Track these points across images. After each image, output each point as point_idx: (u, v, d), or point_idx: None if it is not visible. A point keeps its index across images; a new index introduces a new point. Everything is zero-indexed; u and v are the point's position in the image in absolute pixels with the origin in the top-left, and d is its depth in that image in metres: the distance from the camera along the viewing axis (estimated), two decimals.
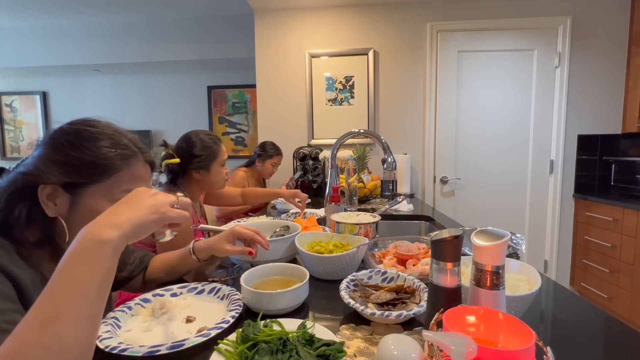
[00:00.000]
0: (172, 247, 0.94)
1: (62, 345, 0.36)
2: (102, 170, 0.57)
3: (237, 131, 3.74)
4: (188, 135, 1.27)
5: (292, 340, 0.50)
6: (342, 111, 2.65)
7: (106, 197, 0.57)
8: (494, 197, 2.59)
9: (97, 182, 0.56)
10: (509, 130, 2.54)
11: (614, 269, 2.15)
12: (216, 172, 1.28)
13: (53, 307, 0.37)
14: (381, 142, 1.18)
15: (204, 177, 1.26)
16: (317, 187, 2.41)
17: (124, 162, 0.59)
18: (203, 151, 1.24)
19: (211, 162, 1.26)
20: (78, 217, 0.56)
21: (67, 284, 0.39)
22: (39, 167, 0.54)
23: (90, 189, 0.56)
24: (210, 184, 1.29)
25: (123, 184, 0.58)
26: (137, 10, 3.05)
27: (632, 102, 2.37)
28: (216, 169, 1.27)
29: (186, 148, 1.24)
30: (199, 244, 0.82)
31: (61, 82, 3.81)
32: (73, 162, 0.55)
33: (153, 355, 0.51)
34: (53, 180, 0.54)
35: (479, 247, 0.48)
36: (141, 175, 0.62)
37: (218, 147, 1.28)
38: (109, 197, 0.57)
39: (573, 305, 0.69)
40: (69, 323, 0.37)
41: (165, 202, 0.49)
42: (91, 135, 0.58)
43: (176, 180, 1.27)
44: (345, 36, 2.60)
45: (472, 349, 0.34)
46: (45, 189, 0.54)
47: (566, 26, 2.40)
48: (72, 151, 0.56)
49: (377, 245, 0.98)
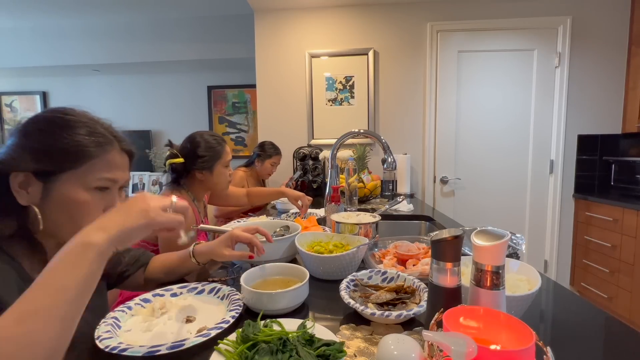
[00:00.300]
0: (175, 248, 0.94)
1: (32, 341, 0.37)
2: (75, 157, 0.55)
3: (237, 131, 3.74)
4: (193, 135, 1.28)
5: (292, 340, 0.50)
6: (342, 111, 2.65)
7: (80, 185, 0.56)
8: (494, 197, 2.59)
9: (70, 170, 0.55)
10: (509, 130, 2.54)
11: (614, 269, 2.15)
12: (219, 173, 1.28)
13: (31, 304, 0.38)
14: (381, 142, 1.18)
15: (207, 177, 1.27)
16: (317, 187, 2.41)
17: (98, 149, 0.57)
18: (207, 152, 1.24)
19: (214, 163, 1.26)
20: (52, 205, 0.55)
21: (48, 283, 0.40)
22: (11, 155, 0.53)
23: (64, 177, 0.55)
24: (213, 185, 1.29)
25: (98, 171, 0.57)
26: (137, 10, 3.05)
27: (632, 102, 2.37)
28: (219, 170, 1.28)
29: (190, 148, 1.24)
30: (199, 248, 0.81)
31: (61, 82, 3.81)
32: (45, 149, 0.54)
33: (153, 355, 0.51)
34: (25, 168, 0.53)
35: (479, 247, 0.48)
36: (117, 164, 0.60)
37: (222, 148, 1.28)
38: (83, 185, 0.56)
39: (573, 305, 0.69)
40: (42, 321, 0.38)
41: (157, 207, 0.49)
42: (64, 122, 0.57)
43: (180, 180, 1.27)
44: (345, 36, 2.60)
45: (472, 349, 0.34)
46: (17, 176, 0.53)
47: (566, 26, 2.40)
48: (44, 138, 0.55)
49: (377, 245, 0.98)
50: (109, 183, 0.58)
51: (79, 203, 0.55)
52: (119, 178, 0.60)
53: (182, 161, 1.23)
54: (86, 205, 0.56)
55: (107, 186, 0.59)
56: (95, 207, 0.57)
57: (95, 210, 0.57)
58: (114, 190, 0.60)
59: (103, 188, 0.58)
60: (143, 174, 3.60)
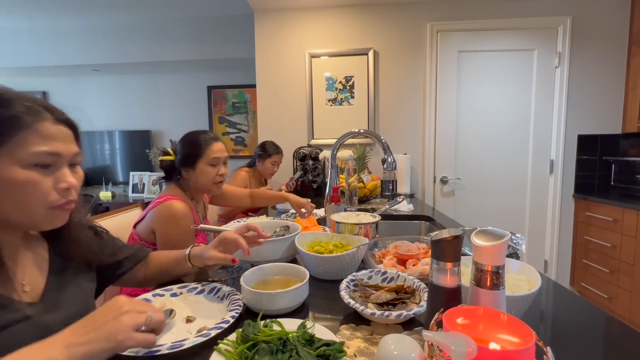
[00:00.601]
0: (173, 247, 0.94)
1: None
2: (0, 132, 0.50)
3: (237, 131, 3.74)
4: (186, 133, 1.26)
5: (292, 340, 0.50)
6: (342, 111, 2.65)
7: (16, 162, 0.50)
8: (494, 197, 2.59)
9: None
10: (509, 130, 2.54)
11: (614, 269, 2.15)
12: (201, 171, 1.21)
13: None
14: (381, 142, 1.18)
15: (191, 175, 1.22)
16: (317, 187, 2.41)
17: (26, 120, 0.51)
18: (188, 148, 1.21)
19: (196, 160, 1.20)
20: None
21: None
22: None
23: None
24: (196, 183, 1.23)
25: (31, 145, 0.51)
26: (137, 10, 3.06)
27: (632, 102, 2.37)
28: (202, 168, 1.21)
29: (179, 145, 1.24)
30: (194, 251, 0.79)
31: (61, 82, 3.81)
32: None
33: (153, 355, 0.51)
34: None
35: (479, 247, 0.48)
36: (53, 135, 0.53)
37: (207, 145, 1.21)
38: (19, 163, 0.50)
39: (573, 305, 0.69)
40: None
41: (128, 328, 0.47)
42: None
43: (170, 177, 1.26)
44: (345, 36, 2.60)
45: (472, 349, 0.34)
46: None
47: (566, 26, 2.40)
48: None
49: (377, 245, 0.98)
50: (50, 158, 0.52)
51: (18, 183, 0.50)
52: (60, 151, 0.53)
53: (171, 158, 1.23)
54: (28, 185, 0.51)
55: (49, 162, 0.52)
56: (40, 186, 0.51)
57: (40, 190, 0.52)
58: (61, 165, 0.54)
59: (45, 165, 0.52)
60: (143, 174, 3.60)
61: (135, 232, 1.17)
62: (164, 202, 1.12)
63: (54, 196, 0.53)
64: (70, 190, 0.55)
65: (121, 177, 3.77)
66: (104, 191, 3.51)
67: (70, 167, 0.57)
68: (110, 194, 3.51)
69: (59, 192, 0.54)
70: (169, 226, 1.11)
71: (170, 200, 1.13)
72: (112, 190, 3.59)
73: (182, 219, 1.12)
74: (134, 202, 2.97)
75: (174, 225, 1.11)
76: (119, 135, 3.73)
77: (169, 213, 1.10)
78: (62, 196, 0.54)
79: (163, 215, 1.11)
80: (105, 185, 3.63)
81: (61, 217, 0.57)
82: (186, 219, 1.13)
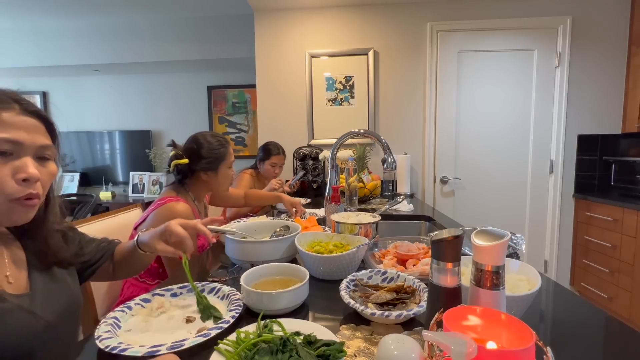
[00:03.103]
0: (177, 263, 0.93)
1: None
2: None
3: (237, 131, 3.74)
4: (197, 136, 1.28)
5: (292, 340, 0.50)
6: (342, 111, 2.65)
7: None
8: (494, 197, 2.59)
9: None
10: (509, 130, 2.54)
11: (614, 269, 2.15)
12: (224, 174, 1.29)
13: None
14: (381, 142, 1.18)
15: (212, 178, 1.28)
16: (317, 187, 2.41)
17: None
18: (211, 153, 1.25)
19: (219, 164, 1.27)
20: None
21: None
22: None
23: None
24: (217, 186, 1.31)
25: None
26: (138, 10, 3.05)
27: (632, 102, 2.37)
28: (224, 171, 1.29)
29: (196, 149, 1.25)
30: (142, 237, 0.76)
31: (61, 82, 3.81)
32: None
33: (153, 355, 0.51)
34: None
35: (479, 247, 0.48)
36: (16, 124, 0.52)
37: (226, 150, 1.29)
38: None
39: (573, 305, 0.69)
40: None
41: None
42: None
43: (184, 180, 1.27)
44: (345, 36, 2.60)
45: (472, 349, 0.34)
46: None
47: (566, 26, 2.40)
48: None
49: (377, 245, 0.98)
50: (8, 145, 0.51)
51: None
52: (21, 139, 0.52)
53: (187, 162, 1.24)
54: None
55: (7, 149, 0.51)
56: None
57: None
58: (22, 155, 0.52)
59: (3, 152, 0.50)
60: (143, 174, 3.59)
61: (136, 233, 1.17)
62: (165, 204, 1.13)
63: (12, 188, 0.51)
64: (31, 183, 0.52)
65: (121, 177, 3.77)
66: (104, 191, 3.51)
67: (38, 160, 0.55)
68: (110, 194, 3.51)
69: (17, 183, 0.51)
70: None
71: (172, 201, 1.14)
72: (112, 190, 3.58)
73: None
74: (134, 202, 2.97)
75: None
76: (119, 135, 3.73)
77: (171, 214, 1.11)
78: (22, 187, 0.52)
79: (165, 216, 1.11)
80: (105, 185, 3.63)
81: (21, 213, 0.53)
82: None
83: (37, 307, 0.56)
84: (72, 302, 0.63)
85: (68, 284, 0.65)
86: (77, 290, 0.67)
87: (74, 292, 0.66)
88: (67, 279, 0.65)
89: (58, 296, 0.61)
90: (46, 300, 0.58)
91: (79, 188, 3.66)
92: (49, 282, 0.61)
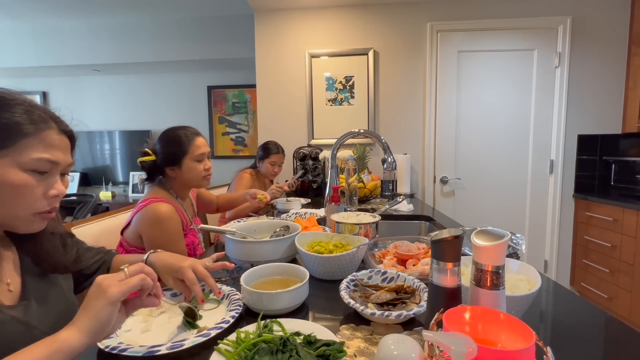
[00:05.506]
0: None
1: None
2: (7, 135, 0.51)
3: (237, 131, 3.74)
4: (164, 132, 1.23)
5: (292, 340, 0.50)
6: (342, 111, 2.65)
7: (15, 165, 0.52)
8: (494, 197, 2.59)
9: (3, 149, 0.51)
10: (509, 130, 2.54)
11: (614, 269, 2.15)
12: (189, 168, 1.20)
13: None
14: (381, 142, 1.18)
15: (177, 173, 1.21)
16: (317, 187, 2.41)
17: (33, 127, 0.53)
18: (172, 146, 1.19)
19: (182, 158, 1.20)
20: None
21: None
22: None
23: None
24: (186, 181, 1.24)
25: (33, 151, 0.52)
26: (137, 10, 3.05)
27: (632, 102, 2.37)
28: (188, 165, 1.20)
29: (159, 144, 1.21)
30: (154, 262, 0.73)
31: (61, 82, 3.81)
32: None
33: (153, 355, 0.51)
34: None
35: (479, 247, 0.48)
36: (55, 144, 0.55)
37: (190, 142, 1.20)
38: (19, 166, 0.52)
39: (573, 305, 0.69)
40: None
41: (111, 283, 0.49)
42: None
43: (153, 178, 1.24)
44: (345, 36, 2.60)
45: (472, 349, 0.34)
46: None
47: (566, 26, 2.40)
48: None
49: (377, 245, 0.98)
50: (48, 165, 0.54)
51: (13, 184, 0.51)
52: (59, 160, 0.55)
53: (152, 159, 1.20)
54: (22, 188, 0.52)
55: (46, 169, 0.54)
56: (31, 190, 0.53)
57: (31, 194, 0.53)
58: (55, 174, 0.56)
59: (42, 171, 0.54)
60: (143, 174, 3.59)
61: (124, 239, 1.16)
62: (147, 206, 1.11)
63: (41, 203, 0.55)
64: (57, 198, 0.57)
65: (121, 177, 3.77)
66: (104, 191, 3.51)
67: (60, 176, 0.59)
68: (110, 194, 3.51)
69: (47, 199, 0.55)
70: (155, 230, 1.09)
71: (154, 202, 1.12)
72: (112, 190, 3.59)
73: (168, 221, 1.11)
74: (133, 202, 2.97)
75: (159, 228, 1.09)
76: (119, 135, 3.73)
77: (154, 216, 1.09)
78: (49, 203, 0.56)
79: (148, 218, 1.09)
80: (105, 185, 3.63)
81: (40, 224, 0.57)
82: (172, 221, 1.12)
83: (32, 316, 0.55)
84: (68, 308, 0.63)
85: (63, 290, 0.64)
86: (72, 296, 0.67)
87: (70, 299, 0.66)
88: (62, 284, 0.65)
89: (53, 303, 0.60)
90: (41, 308, 0.58)
91: (79, 188, 3.66)
92: (43, 288, 0.61)
